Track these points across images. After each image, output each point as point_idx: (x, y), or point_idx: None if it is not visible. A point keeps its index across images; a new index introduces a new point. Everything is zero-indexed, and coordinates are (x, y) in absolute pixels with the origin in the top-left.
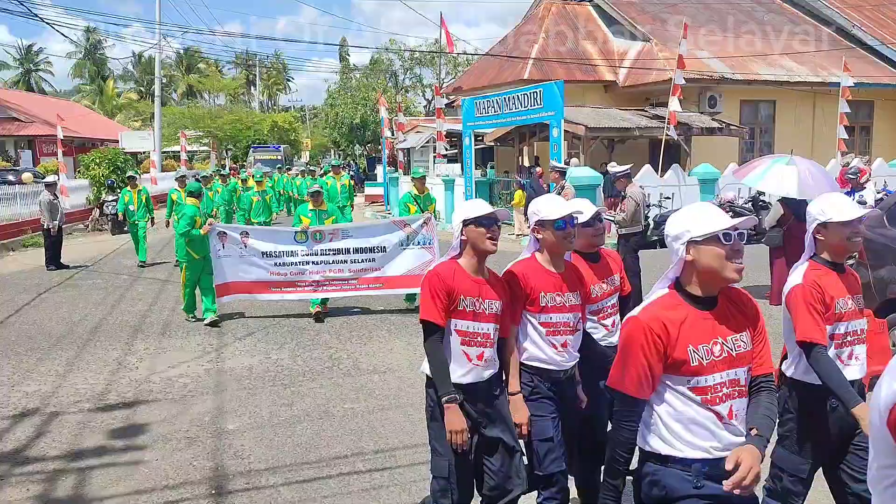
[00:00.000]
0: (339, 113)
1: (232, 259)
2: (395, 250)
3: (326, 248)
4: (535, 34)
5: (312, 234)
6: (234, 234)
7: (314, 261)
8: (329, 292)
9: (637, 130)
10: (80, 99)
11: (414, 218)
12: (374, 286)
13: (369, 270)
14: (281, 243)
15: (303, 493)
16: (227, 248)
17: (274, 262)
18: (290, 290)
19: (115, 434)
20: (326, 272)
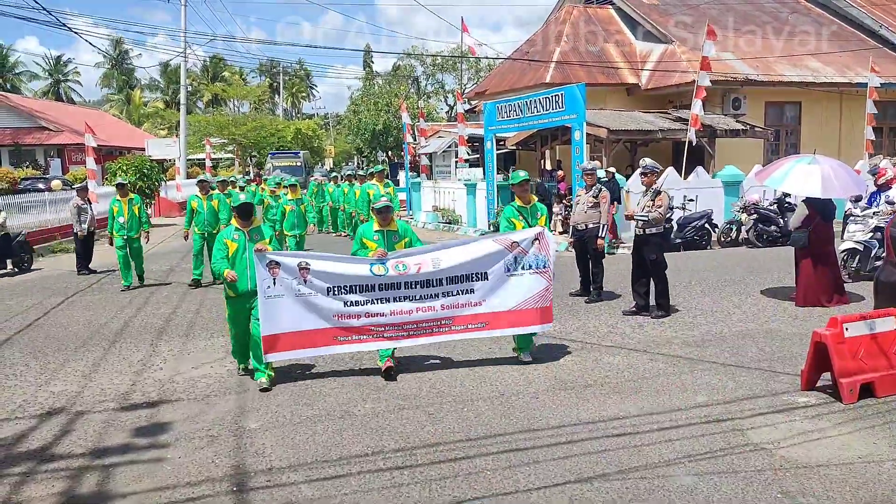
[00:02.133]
0: (362, 119)
1: (286, 300)
2: (500, 277)
3: (412, 279)
4: (557, 38)
5: (394, 263)
6: (290, 263)
7: (396, 297)
8: (415, 338)
9: (660, 133)
10: (108, 108)
11: (523, 234)
12: (475, 327)
13: (467, 306)
14: (353, 275)
15: (323, 491)
16: (280, 283)
17: (344, 302)
18: (365, 338)
19: (139, 432)
20: (413, 311)
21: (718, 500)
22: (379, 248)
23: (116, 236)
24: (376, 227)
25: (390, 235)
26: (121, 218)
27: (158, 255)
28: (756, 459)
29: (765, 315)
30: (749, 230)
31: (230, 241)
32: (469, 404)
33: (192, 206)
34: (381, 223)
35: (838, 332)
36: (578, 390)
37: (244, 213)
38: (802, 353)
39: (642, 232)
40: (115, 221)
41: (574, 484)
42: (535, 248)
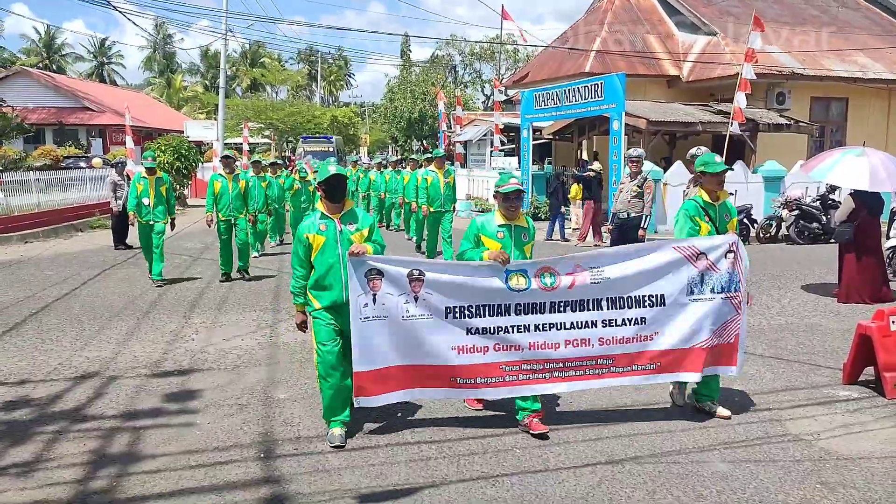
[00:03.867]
0: (398, 107)
1: (388, 324)
2: (680, 302)
3: (562, 298)
4: (597, 27)
5: (538, 272)
6: (397, 272)
7: (539, 323)
8: (559, 381)
9: (700, 125)
10: (149, 91)
11: (712, 242)
12: (643, 369)
13: (634, 341)
14: (482, 289)
15: (350, 461)
16: (382, 300)
17: (467, 329)
18: (494, 382)
19: (169, 398)
20: (560, 345)
21: (755, 487)
22: (506, 249)
23: (141, 222)
24: (499, 219)
25: (518, 233)
26: (145, 199)
27: (193, 235)
28: (795, 450)
29: (805, 310)
30: (790, 226)
31: (314, 234)
32: None
33: (214, 189)
34: (508, 214)
35: (884, 324)
36: None
37: (335, 190)
38: (844, 347)
39: (626, 216)
40: (138, 202)
41: (605, 465)
42: (728, 264)
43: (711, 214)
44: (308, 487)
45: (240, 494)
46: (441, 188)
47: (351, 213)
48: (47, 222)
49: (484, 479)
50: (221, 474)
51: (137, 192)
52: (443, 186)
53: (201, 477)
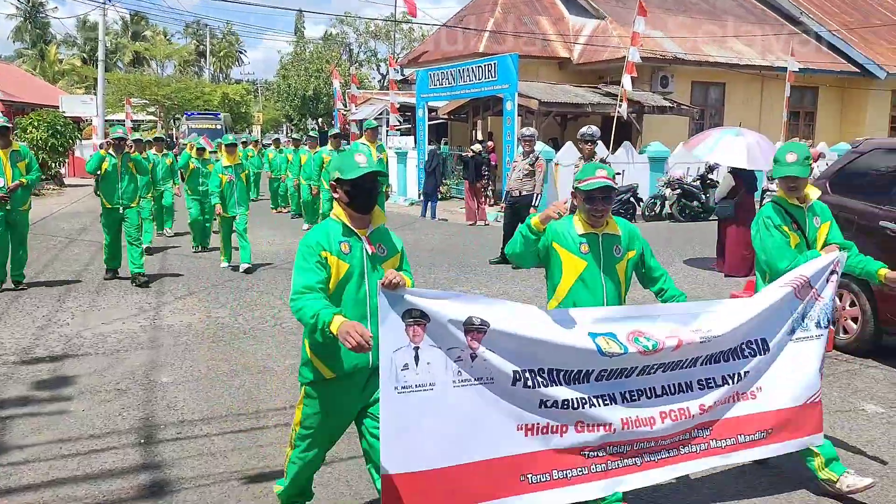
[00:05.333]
0: (292, 84)
1: (434, 395)
2: (783, 345)
3: (658, 361)
4: (491, 7)
5: (630, 335)
6: (448, 315)
7: (631, 392)
8: (653, 467)
9: (590, 107)
10: (20, 64)
11: (816, 265)
12: (748, 440)
13: (734, 401)
14: (564, 350)
15: (237, 443)
16: (425, 358)
17: (542, 401)
18: (576, 476)
19: (40, 386)
20: (656, 419)
21: None
22: (586, 266)
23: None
24: (581, 227)
25: (609, 245)
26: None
27: (71, 215)
28: None
29: (686, 283)
30: (672, 205)
31: (335, 257)
32: None
33: (101, 168)
34: (592, 221)
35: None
36: None
37: (368, 195)
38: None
39: (518, 194)
40: None
41: None
42: (831, 289)
43: (801, 221)
44: (191, 472)
45: (117, 482)
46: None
47: (382, 232)
48: None
49: None
50: (97, 462)
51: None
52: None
53: (74, 466)
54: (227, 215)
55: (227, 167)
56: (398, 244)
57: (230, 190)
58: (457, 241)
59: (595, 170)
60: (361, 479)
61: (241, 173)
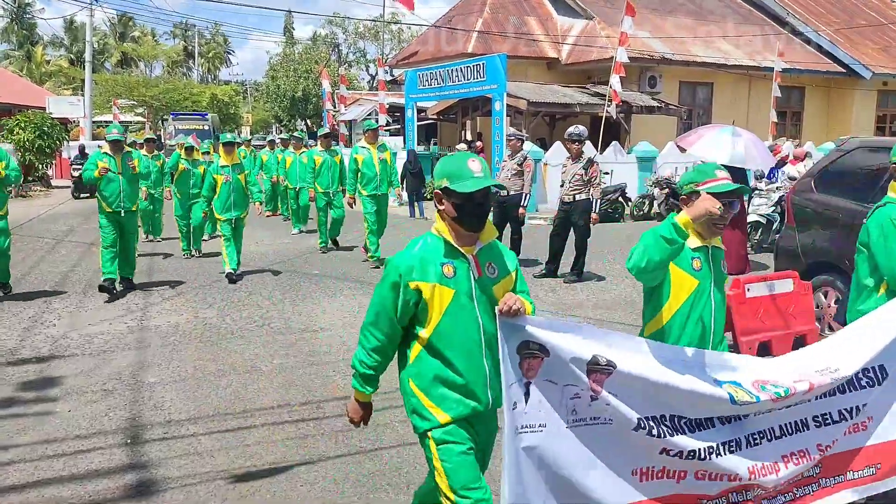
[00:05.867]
0: (281, 85)
1: (545, 437)
2: None
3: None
4: (479, 8)
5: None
6: (569, 351)
7: (754, 436)
8: None
9: (578, 107)
10: (6, 65)
11: None
12: (859, 477)
13: (848, 435)
14: (695, 398)
15: (224, 442)
16: (537, 395)
17: (663, 448)
18: None
19: (26, 387)
20: (779, 465)
21: None
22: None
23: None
24: (694, 239)
25: (717, 260)
26: None
27: (57, 216)
28: None
29: None
30: (661, 204)
31: (434, 283)
32: None
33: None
34: (713, 231)
35: (741, 292)
36: None
37: (480, 211)
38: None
39: (572, 199)
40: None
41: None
42: None
43: None
44: (178, 471)
45: (103, 483)
46: (376, 166)
47: (493, 249)
48: None
49: (362, 453)
50: (83, 463)
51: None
52: (377, 164)
53: (60, 466)
54: (222, 218)
55: (223, 167)
56: (511, 263)
57: (227, 191)
58: None
59: (714, 170)
60: (348, 478)
61: (239, 174)
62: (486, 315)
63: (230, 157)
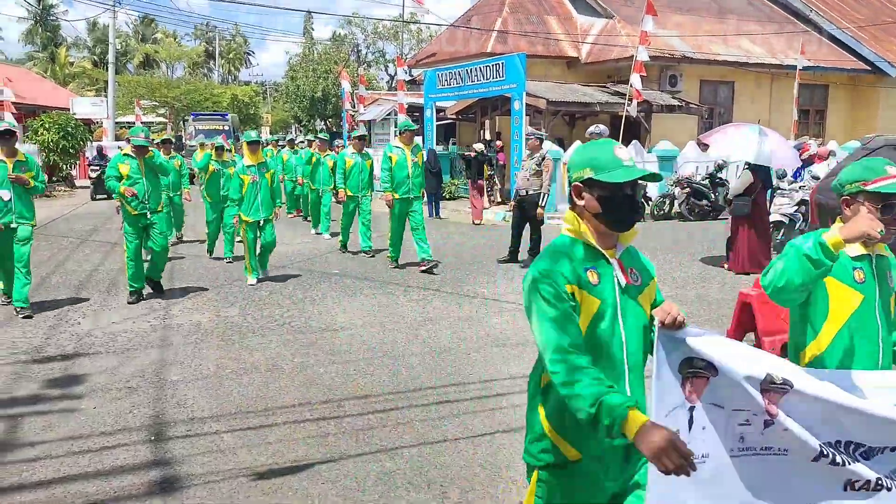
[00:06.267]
0: (301, 86)
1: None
2: None
3: None
4: (498, 7)
5: None
6: (741, 376)
7: None
8: None
9: (598, 106)
10: (31, 67)
11: None
12: None
13: None
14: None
15: (246, 440)
16: (701, 420)
17: (846, 481)
18: None
19: (51, 384)
20: None
21: None
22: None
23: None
24: (855, 247)
25: (882, 269)
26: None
27: (82, 215)
28: None
29: (695, 282)
30: (682, 204)
31: (583, 290)
32: (400, 359)
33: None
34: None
35: (763, 292)
36: (510, 347)
37: (631, 204)
38: (729, 315)
39: (526, 193)
40: None
41: (502, 434)
42: None
43: None
44: (201, 468)
45: (127, 479)
46: (409, 168)
47: (632, 253)
48: None
49: (383, 452)
50: (108, 459)
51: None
52: (410, 167)
53: (85, 463)
54: (249, 220)
55: (249, 166)
56: (651, 267)
57: (253, 192)
58: (463, 239)
59: (885, 166)
60: (369, 477)
61: (265, 173)
62: (631, 330)
63: (255, 157)
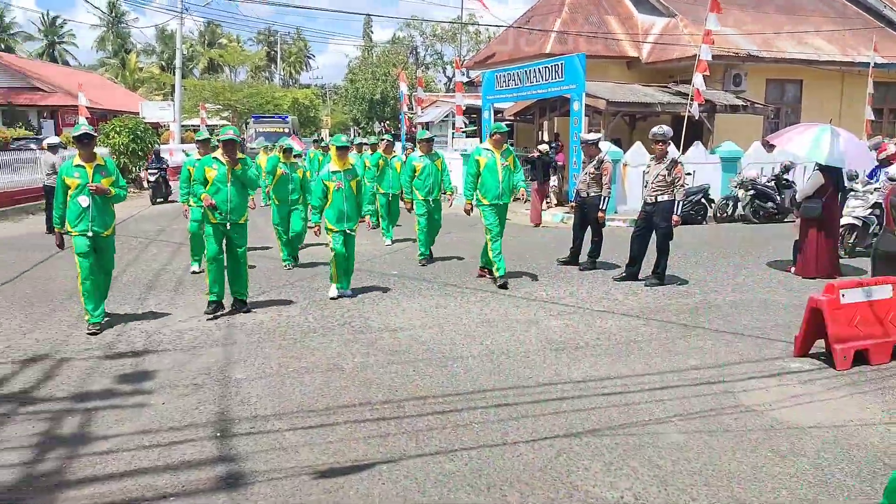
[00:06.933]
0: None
1: None
2: None
3: None
4: (558, 8)
5: None
6: None
7: None
8: None
9: (659, 106)
10: (102, 72)
11: None
12: None
13: None
14: None
15: (308, 438)
16: None
17: None
18: None
19: (123, 379)
20: None
21: (708, 457)
22: None
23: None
24: None
25: None
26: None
27: (150, 216)
28: (747, 420)
29: (760, 286)
30: (746, 206)
31: None
32: (459, 361)
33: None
34: None
35: (835, 298)
36: (569, 351)
37: None
38: (797, 322)
39: (654, 200)
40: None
41: (563, 438)
42: None
43: None
44: (264, 465)
45: (195, 473)
46: (499, 173)
47: None
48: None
49: (442, 453)
50: (176, 454)
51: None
52: (501, 171)
53: (155, 457)
54: (335, 229)
55: (335, 172)
56: None
57: (340, 200)
58: (522, 241)
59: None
60: (428, 478)
61: (351, 181)
62: None
63: (343, 162)
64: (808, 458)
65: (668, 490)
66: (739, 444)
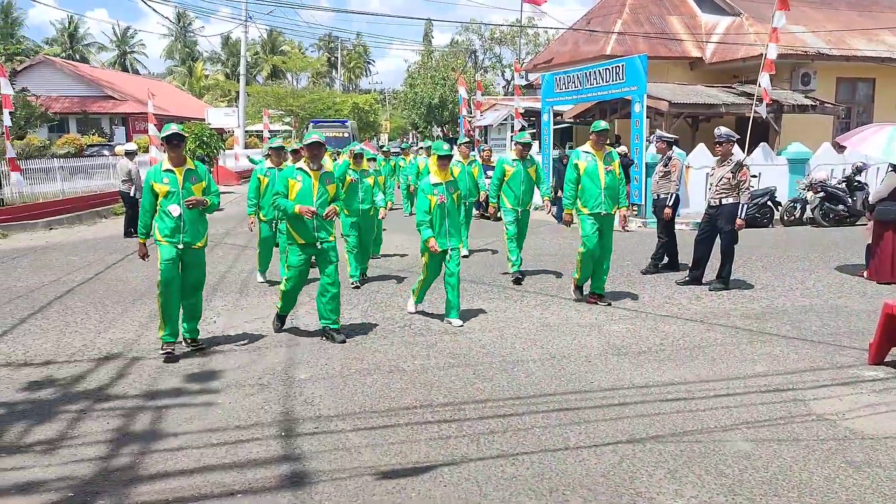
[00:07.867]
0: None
1: None
2: None
3: None
4: (618, 9)
5: None
6: None
7: None
8: None
9: (723, 107)
10: (171, 80)
11: None
12: None
13: None
14: None
15: (370, 439)
16: None
17: None
18: None
19: (191, 378)
20: None
21: (778, 466)
22: None
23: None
24: None
25: None
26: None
27: (215, 220)
28: (819, 429)
29: (830, 291)
30: (815, 209)
31: None
32: (519, 365)
33: (261, 184)
34: None
35: None
36: (632, 356)
37: None
38: (869, 328)
39: (718, 203)
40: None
41: (626, 444)
42: None
43: None
44: (328, 465)
45: (261, 472)
46: (601, 178)
47: None
48: (71, 209)
49: (504, 457)
50: (243, 452)
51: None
52: (604, 176)
53: (223, 454)
54: (437, 250)
55: (436, 185)
56: None
57: (441, 215)
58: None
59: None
60: (489, 481)
61: (452, 193)
62: None
63: (443, 173)
64: (883, 470)
65: (735, 499)
66: (811, 453)
